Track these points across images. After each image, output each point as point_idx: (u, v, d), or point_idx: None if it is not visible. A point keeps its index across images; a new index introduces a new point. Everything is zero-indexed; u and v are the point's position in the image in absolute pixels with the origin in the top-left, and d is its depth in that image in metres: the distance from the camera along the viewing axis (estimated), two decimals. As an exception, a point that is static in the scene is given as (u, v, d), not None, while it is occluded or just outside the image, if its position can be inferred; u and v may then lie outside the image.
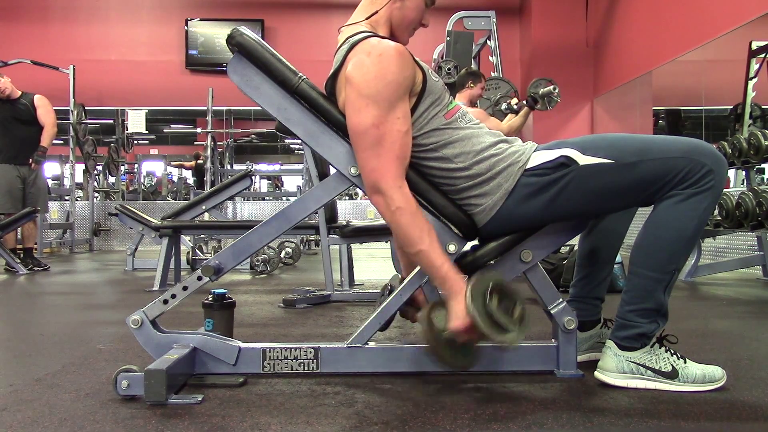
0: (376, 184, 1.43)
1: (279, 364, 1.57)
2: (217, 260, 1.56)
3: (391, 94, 1.42)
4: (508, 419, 1.28)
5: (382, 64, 1.42)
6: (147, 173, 12.00)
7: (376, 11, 1.56)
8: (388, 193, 1.42)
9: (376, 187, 1.43)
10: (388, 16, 1.57)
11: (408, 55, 1.46)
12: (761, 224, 3.27)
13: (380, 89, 1.41)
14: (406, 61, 1.44)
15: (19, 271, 4.61)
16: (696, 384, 1.46)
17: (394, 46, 1.44)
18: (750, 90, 4.19)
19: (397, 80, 1.42)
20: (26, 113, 4.98)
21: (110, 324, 2.43)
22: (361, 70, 1.43)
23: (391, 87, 1.41)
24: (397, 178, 1.42)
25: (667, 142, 1.45)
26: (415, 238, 1.41)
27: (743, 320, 2.56)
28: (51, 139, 5.06)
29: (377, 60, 1.42)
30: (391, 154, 1.42)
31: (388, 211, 1.43)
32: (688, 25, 5.51)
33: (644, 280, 1.47)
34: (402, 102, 1.44)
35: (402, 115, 1.43)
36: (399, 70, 1.42)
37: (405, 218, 1.41)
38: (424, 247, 1.41)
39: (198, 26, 8.58)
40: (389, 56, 1.42)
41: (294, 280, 4.14)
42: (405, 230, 1.42)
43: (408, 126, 1.45)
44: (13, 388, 1.52)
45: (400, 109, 1.43)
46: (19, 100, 4.98)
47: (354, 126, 1.45)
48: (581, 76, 7.83)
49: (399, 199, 1.41)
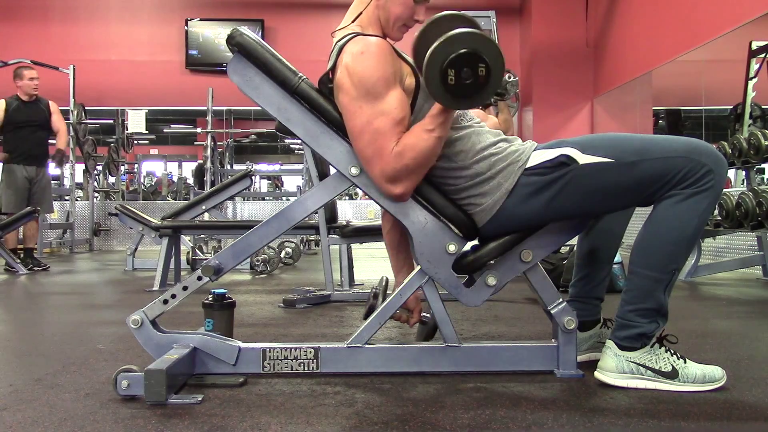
0: (383, 174, 1.46)
1: (279, 364, 1.57)
2: (217, 260, 1.56)
3: (378, 89, 1.44)
4: (508, 419, 1.28)
5: (365, 64, 1.44)
6: (147, 173, 12.00)
7: (360, 12, 1.58)
8: (388, 168, 1.45)
9: (387, 177, 1.47)
10: (375, 16, 1.58)
11: (388, 49, 1.48)
12: (761, 224, 3.27)
13: (368, 88, 1.44)
14: (387, 54, 1.46)
15: (20, 271, 4.61)
16: (696, 384, 1.46)
17: (375, 42, 1.47)
18: (750, 90, 4.18)
19: (379, 75, 1.44)
20: (42, 116, 5.08)
21: (110, 324, 2.43)
22: (347, 76, 1.46)
23: (380, 83, 1.44)
24: (398, 165, 1.46)
25: (667, 142, 1.45)
26: (430, 143, 1.44)
27: (743, 320, 2.56)
28: (67, 144, 5.36)
29: (360, 60, 1.45)
30: (389, 146, 1.44)
31: (406, 172, 1.46)
32: (688, 25, 5.51)
33: (644, 280, 1.47)
34: (392, 90, 1.46)
35: (397, 102, 1.45)
36: (382, 67, 1.44)
37: (413, 152, 1.44)
38: (435, 135, 1.44)
39: (198, 26, 8.57)
40: (369, 53, 1.45)
41: (294, 280, 4.14)
42: (425, 150, 1.44)
43: (404, 113, 1.47)
44: (13, 388, 1.52)
45: (392, 98, 1.45)
46: (37, 103, 5.08)
47: (351, 128, 1.48)
48: (581, 76, 7.82)
49: (400, 160, 1.44)
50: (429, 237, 1.54)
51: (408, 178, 1.47)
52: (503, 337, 2.14)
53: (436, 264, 1.54)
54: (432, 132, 1.43)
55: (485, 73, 1.34)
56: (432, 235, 1.53)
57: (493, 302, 2.84)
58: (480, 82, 1.35)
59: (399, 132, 1.46)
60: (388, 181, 1.47)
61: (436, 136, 1.44)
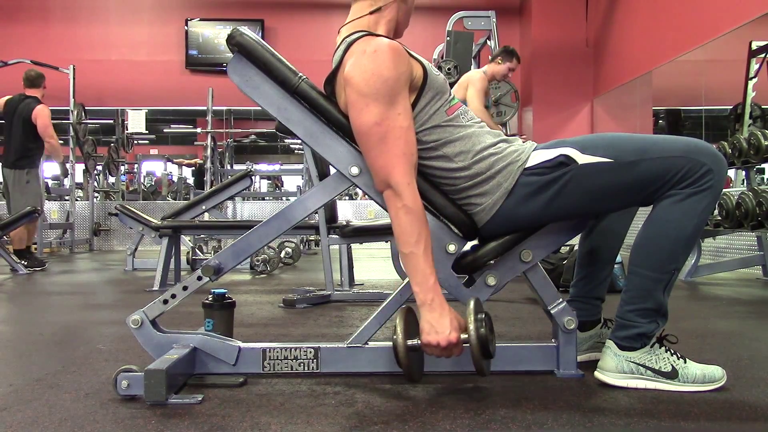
0: (387, 180, 1.43)
1: (279, 364, 1.57)
2: (217, 260, 1.56)
3: (389, 91, 1.41)
4: (508, 419, 1.28)
5: (378, 61, 1.42)
6: (147, 173, 11.99)
7: (380, 7, 1.55)
8: (398, 189, 1.41)
9: (386, 183, 1.43)
10: (394, 14, 1.57)
11: (402, 51, 1.45)
12: (761, 224, 3.27)
13: (378, 87, 1.41)
14: (402, 56, 1.44)
15: (20, 271, 4.62)
16: (696, 384, 1.46)
17: (388, 43, 1.44)
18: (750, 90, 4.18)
19: (394, 76, 1.42)
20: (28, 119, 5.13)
21: (110, 324, 2.43)
22: (358, 70, 1.43)
23: (389, 83, 1.41)
24: (406, 174, 1.42)
25: (667, 142, 1.45)
26: (412, 239, 1.40)
27: (743, 320, 2.56)
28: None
29: (373, 57, 1.42)
30: (397, 150, 1.42)
31: (394, 206, 1.42)
32: (688, 25, 5.51)
33: (644, 279, 1.47)
34: (401, 97, 1.43)
35: (402, 110, 1.43)
36: (395, 66, 1.42)
37: (409, 217, 1.40)
38: (418, 252, 1.40)
39: (198, 26, 8.58)
40: (384, 52, 1.42)
41: (294, 280, 4.14)
42: (405, 228, 1.41)
43: (410, 122, 1.45)
44: (13, 388, 1.52)
45: (400, 105, 1.43)
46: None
47: (358, 126, 1.45)
48: (581, 76, 7.83)
49: (408, 197, 1.41)
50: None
51: (396, 197, 1.43)
52: (503, 337, 2.13)
53: (436, 264, 1.53)
54: (413, 255, 1.40)
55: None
56: (432, 235, 1.52)
57: (493, 302, 2.84)
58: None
59: (408, 140, 1.43)
60: (383, 186, 1.45)
61: (411, 251, 1.40)
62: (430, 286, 1.39)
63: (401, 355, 1.36)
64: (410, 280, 1.42)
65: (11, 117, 5.07)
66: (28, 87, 5.16)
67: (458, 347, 1.38)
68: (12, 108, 5.08)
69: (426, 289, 1.39)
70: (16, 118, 5.05)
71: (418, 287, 1.40)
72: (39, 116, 5.02)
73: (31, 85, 5.16)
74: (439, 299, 1.39)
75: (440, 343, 1.36)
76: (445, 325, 1.36)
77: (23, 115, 5.03)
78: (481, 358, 1.35)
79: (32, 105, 5.05)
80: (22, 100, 5.10)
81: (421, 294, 1.39)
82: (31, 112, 5.02)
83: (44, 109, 5.05)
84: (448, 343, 1.36)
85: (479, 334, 1.33)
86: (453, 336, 1.36)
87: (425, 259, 1.40)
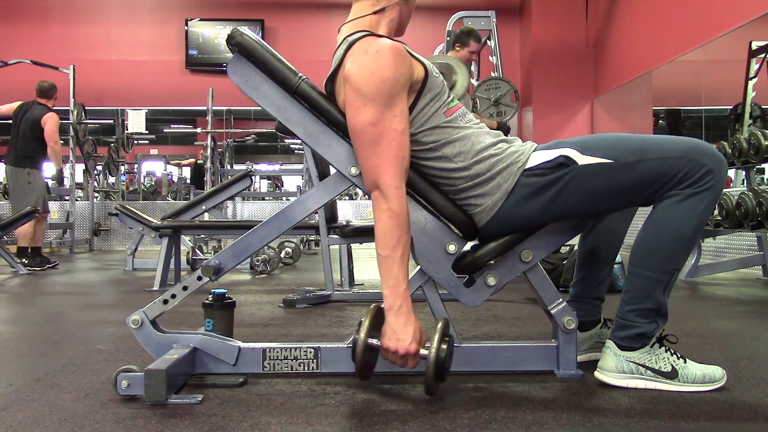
0: (376, 181, 1.42)
1: (279, 364, 1.57)
2: (217, 260, 1.56)
3: (388, 92, 1.41)
4: (508, 419, 1.28)
5: (379, 62, 1.41)
6: (147, 173, 11.99)
7: (383, 8, 1.55)
8: (386, 191, 1.41)
9: (374, 184, 1.43)
10: (396, 15, 1.57)
11: (404, 53, 1.45)
12: (761, 224, 3.27)
13: (377, 87, 1.40)
14: (403, 58, 1.44)
15: (20, 271, 4.62)
16: (696, 384, 1.46)
17: (390, 44, 1.44)
18: (750, 90, 4.19)
19: (393, 77, 1.41)
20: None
21: (110, 324, 2.43)
22: (358, 69, 1.43)
23: (388, 84, 1.41)
24: (395, 178, 1.41)
25: (667, 142, 1.45)
26: (392, 242, 1.39)
27: (743, 320, 2.56)
28: None
29: (374, 57, 1.42)
30: (389, 152, 1.41)
31: (379, 208, 1.42)
32: (688, 25, 5.51)
33: (643, 280, 1.47)
34: (399, 100, 1.43)
35: (399, 113, 1.43)
36: (395, 67, 1.41)
37: (392, 221, 1.39)
38: (395, 256, 1.39)
39: (198, 26, 8.57)
40: (385, 53, 1.42)
41: (294, 280, 4.14)
42: (386, 231, 1.40)
43: (405, 125, 1.44)
44: (13, 388, 1.52)
45: (397, 107, 1.42)
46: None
47: (353, 125, 1.45)
48: (581, 76, 7.82)
49: (394, 201, 1.40)
50: (429, 237, 1.54)
51: (382, 198, 1.42)
52: (503, 337, 2.14)
53: (436, 264, 1.54)
54: (390, 259, 1.39)
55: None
56: (432, 235, 1.53)
57: (493, 302, 2.84)
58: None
59: (402, 143, 1.43)
60: (372, 187, 1.45)
61: (388, 255, 1.39)
62: (400, 293, 1.38)
63: (359, 350, 1.36)
64: (382, 282, 1.41)
65: (20, 118, 5.21)
66: (40, 96, 5.33)
67: (414, 359, 1.38)
68: (23, 111, 5.25)
69: (396, 294, 1.38)
70: (24, 120, 5.20)
71: (389, 291, 1.39)
72: (48, 120, 5.18)
73: (43, 95, 5.33)
74: (407, 307, 1.38)
75: (398, 351, 1.36)
76: (407, 334, 1.36)
77: (32, 118, 5.18)
78: (433, 378, 1.35)
79: (43, 110, 5.23)
80: (33, 106, 5.28)
81: (390, 298, 1.38)
82: (41, 116, 5.18)
83: (54, 116, 5.25)
84: (405, 353, 1.36)
85: (438, 355, 1.33)
86: (412, 347, 1.36)
87: (401, 265, 1.39)
